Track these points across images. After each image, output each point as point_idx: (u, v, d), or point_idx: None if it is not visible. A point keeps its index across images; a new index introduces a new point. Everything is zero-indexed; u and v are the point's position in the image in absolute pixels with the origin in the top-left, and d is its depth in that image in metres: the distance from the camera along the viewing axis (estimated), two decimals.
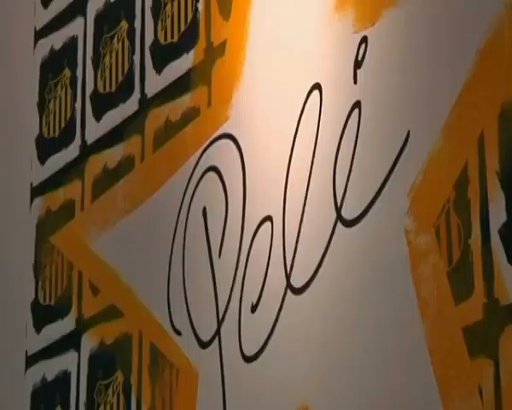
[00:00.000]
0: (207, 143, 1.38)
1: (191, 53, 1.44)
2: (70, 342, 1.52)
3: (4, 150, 1.77)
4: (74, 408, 1.49)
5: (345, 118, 1.21)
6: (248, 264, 1.28)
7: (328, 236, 1.20)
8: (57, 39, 1.71)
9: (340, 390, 1.15)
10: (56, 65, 1.69)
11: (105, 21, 1.62)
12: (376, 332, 1.14)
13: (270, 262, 1.26)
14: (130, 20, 1.56)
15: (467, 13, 1.12)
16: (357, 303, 1.16)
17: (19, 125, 1.73)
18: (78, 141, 1.60)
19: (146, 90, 1.50)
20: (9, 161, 1.74)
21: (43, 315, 1.59)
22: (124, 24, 1.57)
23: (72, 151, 1.60)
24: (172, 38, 1.48)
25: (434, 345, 1.06)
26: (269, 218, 1.27)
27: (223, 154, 1.36)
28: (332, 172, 1.21)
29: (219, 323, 1.30)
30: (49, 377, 1.54)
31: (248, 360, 1.25)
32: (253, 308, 1.26)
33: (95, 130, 1.58)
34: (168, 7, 1.49)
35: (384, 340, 1.13)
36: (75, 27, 1.68)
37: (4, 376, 1.63)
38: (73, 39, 1.66)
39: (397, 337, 1.11)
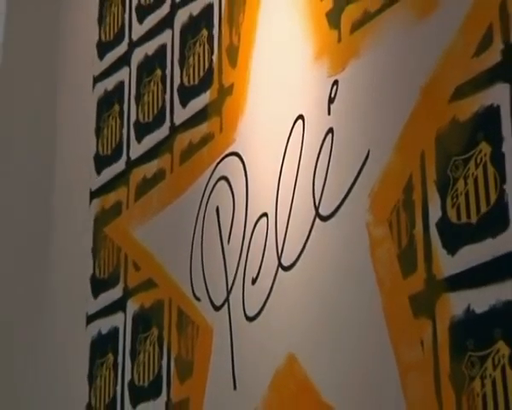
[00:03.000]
0: (219, 159, 1.38)
1: (208, 93, 1.44)
2: (119, 305, 1.51)
3: (72, 165, 1.76)
4: (122, 354, 1.48)
5: (321, 140, 1.20)
6: (250, 248, 1.28)
7: (308, 228, 1.19)
8: (109, 83, 1.71)
9: (319, 341, 1.14)
10: (109, 102, 1.69)
11: (144, 70, 1.61)
12: (345, 299, 1.12)
13: (266, 247, 1.25)
14: (163, 68, 1.55)
15: (411, 59, 1.12)
16: (331, 278, 1.15)
17: (82, 147, 1.71)
18: (124, 157, 1.59)
19: (174, 120, 1.49)
20: (76, 174, 1.74)
21: (99, 286, 1.59)
22: (158, 72, 1.57)
23: (120, 165, 1.60)
24: (194, 81, 1.47)
25: (388, 309, 1.06)
26: (265, 214, 1.26)
27: (231, 167, 1.36)
28: (312, 179, 1.20)
29: (228, 292, 1.29)
30: (103, 332, 1.54)
31: (250, 319, 1.24)
32: (253, 281, 1.25)
33: (137, 150, 1.57)
34: (191, 59, 1.49)
35: (351, 304, 1.11)
36: (122, 74, 1.67)
37: (71, 331, 1.62)
38: (121, 83, 1.66)
39: (361, 302, 1.10)
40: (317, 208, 1.18)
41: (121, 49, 1.66)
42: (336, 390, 1.09)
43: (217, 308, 1.30)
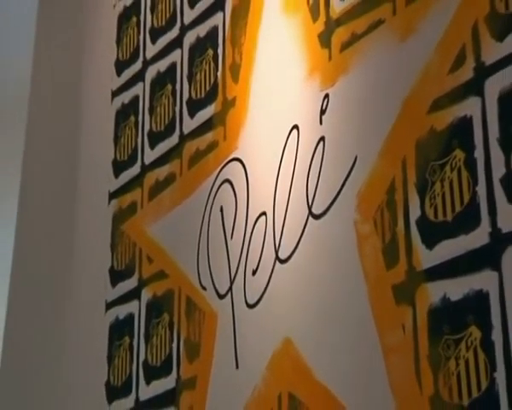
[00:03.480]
0: (223, 164, 1.38)
1: (213, 105, 1.43)
2: (134, 294, 1.51)
3: (94, 170, 1.76)
4: (137, 337, 1.47)
5: (314, 147, 1.20)
6: (250, 243, 1.27)
7: (302, 225, 1.18)
8: (126, 97, 1.70)
9: (313, 327, 1.13)
10: (125, 114, 1.68)
11: (157, 85, 1.61)
12: (335, 288, 1.12)
13: (265, 242, 1.25)
14: (173, 83, 1.55)
15: (393, 76, 1.12)
16: (323, 270, 1.15)
17: (102, 153, 1.71)
18: (139, 162, 1.59)
19: (183, 130, 1.49)
20: (96, 177, 1.74)
21: (116, 277, 1.58)
22: (169, 86, 1.56)
23: (135, 169, 1.60)
24: (201, 95, 1.47)
25: (373, 297, 1.05)
26: (264, 213, 1.26)
27: (233, 171, 1.35)
28: (305, 182, 1.20)
29: (231, 282, 1.29)
30: (121, 317, 1.54)
31: (250, 307, 1.24)
32: (254, 272, 1.25)
33: (150, 156, 1.57)
34: (198, 75, 1.49)
35: (341, 293, 1.11)
36: (137, 89, 1.68)
37: (92, 316, 1.62)
38: (136, 97, 1.67)
39: (349, 291, 1.09)
40: (310, 208, 1.17)
41: (136, 66, 1.66)
42: (327, 370, 1.09)
43: (221, 297, 1.29)
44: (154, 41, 1.62)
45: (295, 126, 1.24)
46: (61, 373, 1.64)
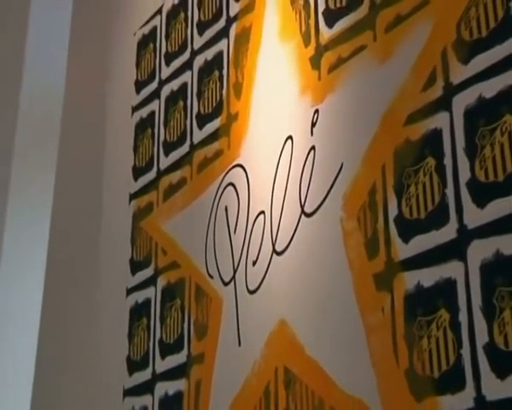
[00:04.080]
0: (227, 169, 1.37)
1: (219, 119, 1.43)
2: (151, 281, 1.51)
3: (116, 174, 1.75)
4: (153, 319, 1.47)
5: (306, 155, 1.20)
6: (251, 238, 1.27)
7: (296, 222, 1.18)
8: (144, 112, 1.69)
9: (304, 310, 1.13)
10: (143, 126, 1.67)
11: (170, 101, 1.60)
12: (324, 276, 1.12)
13: (263, 237, 1.24)
14: (185, 100, 1.54)
15: (374, 93, 1.11)
16: (313, 261, 1.14)
17: (123, 161, 1.71)
18: (155, 168, 1.58)
19: (193, 140, 1.49)
20: (118, 181, 1.73)
21: (136, 266, 1.56)
22: (181, 103, 1.55)
23: (152, 174, 1.59)
24: (208, 110, 1.47)
25: (357, 284, 1.05)
26: (262, 212, 1.26)
27: (236, 176, 1.35)
28: (298, 185, 1.19)
29: (234, 271, 1.29)
30: (139, 301, 1.52)
31: (251, 292, 1.24)
32: (254, 263, 1.25)
33: (165, 162, 1.56)
34: (206, 93, 1.48)
35: (329, 281, 1.11)
36: (154, 105, 1.66)
37: (115, 301, 1.61)
38: (153, 112, 1.65)
39: (336, 279, 1.09)
40: (302, 207, 1.17)
41: (153, 86, 1.65)
42: (317, 347, 1.09)
43: (225, 284, 1.29)
44: (168, 64, 1.62)
45: (290, 137, 1.24)
46: (90, 349, 1.64)
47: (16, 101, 2.75)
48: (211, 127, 1.43)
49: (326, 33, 1.21)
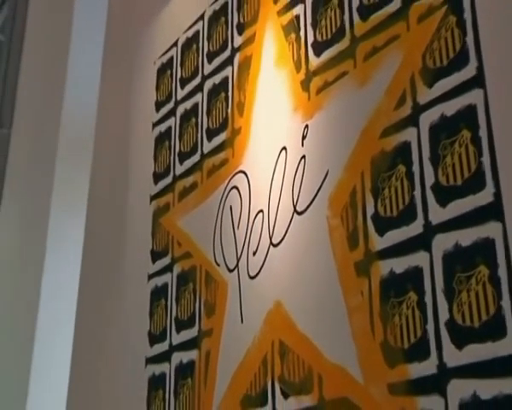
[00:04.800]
0: (232, 175, 1.37)
1: (224, 133, 1.42)
2: (168, 268, 1.49)
3: (139, 179, 1.75)
4: (170, 300, 1.46)
5: (297, 163, 1.19)
6: (252, 232, 1.27)
7: (289, 219, 1.18)
8: (162, 127, 1.67)
9: (296, 292, 1.13)
10: (162, 140, 1.66)
11: (184, 119, 1.59)
12: (313, 264, 1.11)
13: (262, 231, 1.24)
14: (196, 117, 1.54)
15: (354, 111, 1.10)
16: (304, 251, 1.14)
17: (145, 167, 1.72)
18: (171, 174, 1.58)
19: (203, 150, 1.48)
20: (141, 185, 1.72)
21: (155, 256, 1.56)
22: (193, 120, 1.55)
23: (169, 179, 1.59)
24: (216, 125, 1.46)
25: (340, 271, 1.05)
26: (261, 210, 1.25)
27: (239, 180, 1.34)
28: (291, 188, 1.19)
29: (238, 260, 1.28)
30: (158, 285, 1.51)
31: (252, 278, 1.23)
32: (254, 253, 1.24)
33: (179, 169, 1.55)
34: (213, 111, 1.47)
35: (317, 268, 1.10)
36: (170, 122, 1.65)
37: (138, 284, 1.60)
38: (170, 127, 1.64)
39: (323, 267, 1.09)
40: (295, 206, 1.17)
41: (170, 105, 1.65)
42: (307, 324, 1.09)
43: (230, 271, 1.29)
44: (182, 87, 1.62)
45: (284, 148, 1.24)
46: (118, 324, 1.64)
47: (58, 118, 2.79)
48: (218, 140, 1.43)
49: (314, 61, 1.21)
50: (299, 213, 1.15)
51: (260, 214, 1.25)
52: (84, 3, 2.87)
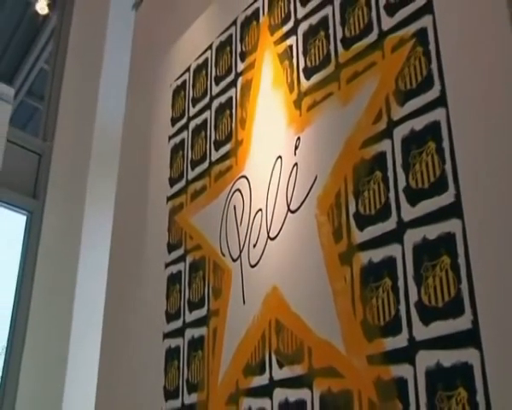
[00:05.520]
0: (235, 179, 1.36)
1: (229, 144, 1.42)
2: (181, 259, 1.49)
3: (158, 183, 1.73)
4: (183, 284, 1.45)
5: (290, 169, 1.19)
6: (252, 228, 1.26)
7: (284, 216, 1.17)
8: (177, 139, 1.66)
9: (290, 278, 1.13)
10: (176, 150, 1.65)
11: (195, 132, 1.58)
12: (304, 255, 1.11)
13: (261, 227, 1.24)
14: (205, 131, 1.53)
15: (339, 126, 1.10)
16: (296, 244, 1.13)
17: (162, 173, 1.70)
18: (184, 179, 1.57)
19: (212, 159, 1.47)
20: (159, 187, 1.71)
21: (171, 248, 1.55)
22: (203, 133, 1.54)
23: (182, 183, 1.58)
24: (222, 138, 1.45)
25: (327, 260, 1.04)
26: (260, 209, 1.25)
27: (242, 184, 1.34)
28: (286, 190, 1.19)
29: (240, 251, 1.28)
30: (173, 272, 1.51)
31: (252, 266, 1.23)
32: (254, 245, 1.24)
33: (191, 175, 1.54)
34: (220, 126, 1.47)
35: (307, 258, 1.10)
36: (184, 135, 1.64)
37: (157, 272, 1.58)
38: (183, 139, 1.63)
39: (312, 257, 1.08)
40: (288, 206, 1.17)
41: (183, 121, 1.65)
42: (299, 305, 1.09)
43: (234, 260, 1.28)
44: (194, 106, 1.62)
45: (279, 157, 1.23)
46: (140, 305, 1.65)
47: (91, 133, 2.83)
48: (223, 150, 1.43)
49: (305, 84, 1.21)
50: (293, 212, 1.15)
51: (259, 213, 1.25)
52: (114, 38, 2.93)
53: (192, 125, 1.60)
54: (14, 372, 2.62)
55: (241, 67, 1.45)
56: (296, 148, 1.19)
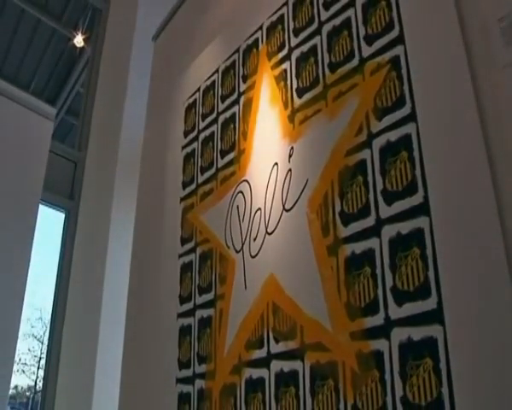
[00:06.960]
0: (238, 183, 1.36)
1: (233, 152, 1.41)
2: (192, 251, 1.47)
3: (173, 187, 1.72)
4: (194, 273, 1.44)
5: (285, 174, 1.19)
6: (252, 224, 1.26)
7: (280, 214, 1.17)
8: (189, 149, 1.66)
9: (286, 267, 1.12)
10: (189, 157, 1.65)
11: (204, 144, 1.58)
12: (297, 247, 1.11)
13: (260, 224, 1.24)
14: (213, 142, 1.53)
15: (326, 137, 1.09)
16: (290, 238, 1.14)
17: (176, 178, 1.68)
18: (195, 182, 1.57)
19: (218, 165, 1.47)
20: (174, 190, 1.70)
21: (183, 240, 1.54)
22: (210, 144, 1.54)
23: (193, 186, 1.57)
24: (227, 147, 1.45)
25: (316, 252, 1.04)
26: (259, 209, 1.25)
27: (244, 187, 1.33)
28: (281, 192, 1.19)
29: (242, 244, 1.28)
30: (186, 262, 1.50)
31: (253, 257, 1.23)
32: (254, 239, 1.24)
33: (201, 179, 1.53)
34: (225, 138, 1.47)
35: (299, 250, 1.09)
36: (194, 145, 1.63)
37: (170, 262, 1.58)
38: (194, 149, 1.63)
39: (304, 249, 1.08)
40: (284, 205, 1.17)
41: (194, 133, 1.65)
42: (292, 289, 1.09)
43: (237, 251, 1.29)
44: (203, 120, 1.62)
45: (276, 163, 1.23)
46: (157, 290, 1.64)
47: (117, 144, 2.84)
48: (228, 158, 1.43)
49: (297, 101, 1.22)
50: (287, 211, 1.16)
51: (259, 211, 1.25)
52: (136, 65, 2.97)
53: (201, 136, 1.60)
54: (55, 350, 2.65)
55: (243, 87, 1.45)
56: (290, 156, 1.20)
